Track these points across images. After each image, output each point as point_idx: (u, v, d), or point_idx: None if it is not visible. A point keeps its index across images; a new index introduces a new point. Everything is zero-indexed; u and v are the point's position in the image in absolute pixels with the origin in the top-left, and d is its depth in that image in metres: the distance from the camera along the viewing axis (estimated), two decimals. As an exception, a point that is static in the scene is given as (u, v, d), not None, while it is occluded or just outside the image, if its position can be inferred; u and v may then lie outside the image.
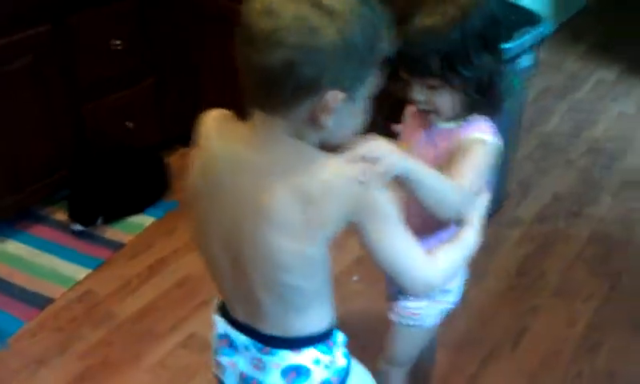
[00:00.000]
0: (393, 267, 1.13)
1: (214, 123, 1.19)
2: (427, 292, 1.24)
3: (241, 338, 1.24)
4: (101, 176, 2.82)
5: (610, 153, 3.46)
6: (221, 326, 1.27)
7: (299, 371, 1.21)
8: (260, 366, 1.23)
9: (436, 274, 1.18)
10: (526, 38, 2.50)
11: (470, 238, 1.28)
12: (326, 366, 1.22)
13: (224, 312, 1.27)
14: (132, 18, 2.91)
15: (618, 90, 4.18)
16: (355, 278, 2.53)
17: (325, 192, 1.04)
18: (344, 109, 1.06)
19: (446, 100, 1.33)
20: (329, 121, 1.05)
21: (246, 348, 1.24)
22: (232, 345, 1.26)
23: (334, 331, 1.25)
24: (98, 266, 2.59)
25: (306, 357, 1.20)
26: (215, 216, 1.15)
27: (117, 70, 2.92)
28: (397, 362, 1.69)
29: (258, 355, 1.22)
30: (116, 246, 2.70)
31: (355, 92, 1.06)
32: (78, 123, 2.84)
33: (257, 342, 1.21)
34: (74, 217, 2.71)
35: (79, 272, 2.55)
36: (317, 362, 1.21)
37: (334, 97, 1.03)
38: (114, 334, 2.32)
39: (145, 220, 2.85)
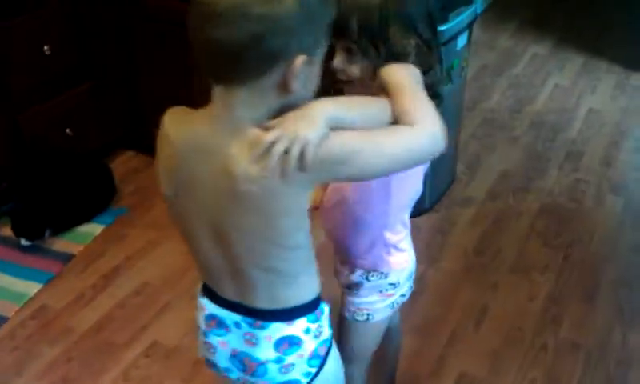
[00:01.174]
0: (402, 162, 1.12)
1: (169, 120, 1.18)
2: (439, 142, 1.11)
3: (231, 317, 1.25)
4: (44, 187, 2.72)
5: (551, 125, 3.54)
6: (208, 307, 1.27)
7: (291, 341, 1.24)
8: (252, 341, 1.24)
9: (425, 126, 1.11)
10: (462, 17, 2.54)
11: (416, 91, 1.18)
12: (315, 336, 1.26)
13: (210, 294, 1.27)
14: (65, 22, 2.82)
15: (552, 64, 4.27)
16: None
17: (266, 190, 1.06)
18: (305, 72, 1.06)
19: (358, 69, 1.30)
20: (296, 85, 1.05)
21: (237, 325, 1.25)
22: (221, 324, 1.27)
23: (320, 301, 1.28)
24: (49, 280, 2.50)
25: (297, 327, 1.23)
26: (195, 206, 1.15)
27: (52, 76, 2.82)
28: (355, 359, 1.66)
29: (250, 330, 1.24)
30: (67, 258, 2.61)
31: (314, 55, 1.07)
32: (15, 133, 2.74)
33: (248, 318, 1.23)
34: (20, 231, 2.61)
35: (31, 287, 2.46)
36: (307, 330, 1.24)
37: (301, 61, 1.03)
38: (73, 349, 2.25)
39: (94, 228, 2.76)
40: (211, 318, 1.28)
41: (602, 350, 2.21)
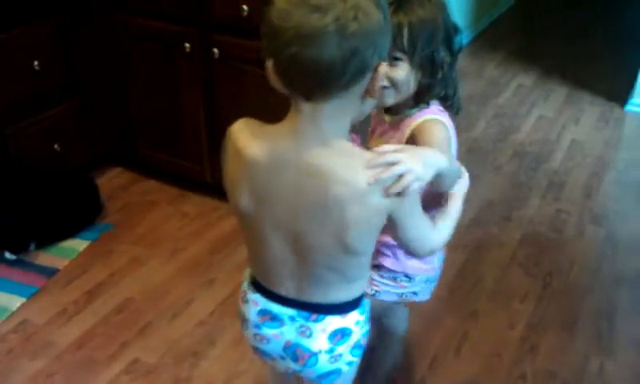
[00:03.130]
0: (410, 240, 1.29)
1: (245, 135, 1.23)
2: (430, 255, 1.46)
3: (286, 311, 1.35)
4: (30, 200, 2.73)
5: (535, 155, 3.59)
6: (261, 302, 1.37)
7: (344, 333, 1.35)
8: (306, 333, 1.35)
9: (438, 241, 1.36)
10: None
11: (459, 208, 1.44)
12: (362, 327, 1.38)
13: (263, 291, 1.37)
14: (54, 37, 2.84)
15: (536, 95, 4.34)
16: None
17: (356, 197, 1.15)
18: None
19: (404, 75, 1.46)
20: (377, 88, 1.16)
21: (292, 319, 1.35)
22: (275, 318, 1.37)
23: (363, 297, 1.40)
24: (32, 295, 2.50)
25: (350, 319, 1.35)
26: (274, 214, 1.22)
27: (40, 91, 2.84)
28: None
29: (306, 323, 1.34)
30: (50, 272, 2.61)
31: (385, 61, 1.16)
32: (2, 147, 2.74)
33: (303, 312, 1.34)
34: (4, 245, 2.61)
35: (13, 301, 2.46)
36: (357, 323, 1.37)
37: (383, 67, 1.14)
38: (54, 364, 2.24)
39: (79, 244, 2.77)
40: (265, 312, 1.37)
41: (578, 379, 2.23)
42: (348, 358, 1.39)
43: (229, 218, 2.97)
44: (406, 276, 1.72)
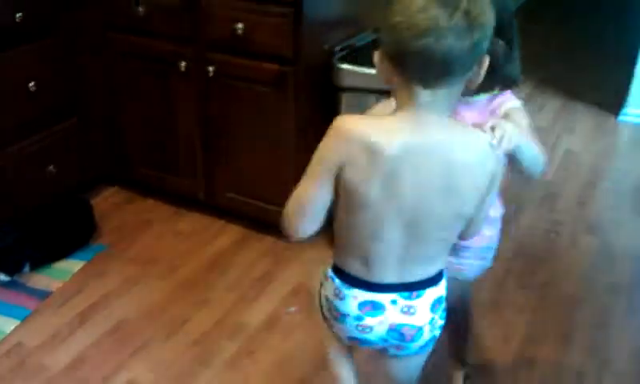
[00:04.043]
0: (481, 221, 1.43)
1: (370, 127, 1.30)
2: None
3: (386, 297, 1.42)
4: (24, 222, 2.73)
5: (528, 167, 3.58)
6: (361, 295, 1.43)
7: (440, 301, 1.47)
8: (410, 312, 1.43)
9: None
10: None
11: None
12: (446, 289, 1.48)
13: (359, 284, 1.43)
14: (49, 58, 2.83)
15: (531, 106, 4.33)
16: (292, 309, 2.52)
17: (481, 160, 1.30)
18: None
19: None
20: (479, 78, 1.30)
21: (394, 302, 1.42)
22: (377, 306, 1.43)
23: None
24: (26, 317, 2.49)
25: (442, 286, 1.47)
26: (396, 202, 1.30)
27: (36, 112, 2.83)
28: None
29: (408, 302, 1.42)
30: (44, 294, 2.60)
31: None
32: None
33: (404, 293, 1.42)
34: (-2, 266, 2.61)
35: (7, 324, 2.44)
36: (446, 288, 1.48)
37: (487, 57, 1.27)
38: (48, 387, 2.24)
39: (73, 265, 2.76)
40: (365, 304, 1.43)
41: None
42: (440, 323, 1.50)
43: (223, 235, 2.97)
44: (488, 248, 1.85)
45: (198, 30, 2.69)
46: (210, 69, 2.71)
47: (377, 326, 1.45)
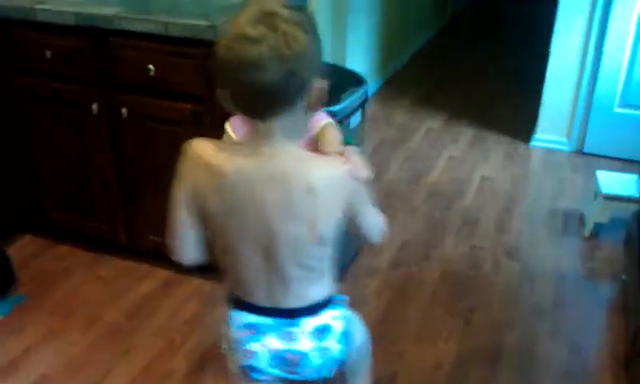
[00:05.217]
0: (369, 228, 1.48)
1: (209, 152, 1.36)
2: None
3: (265, 321, 1.46)
4: None
5: (447, 195, 3.67)
6: (242, 317, 1.48)
7: (324, 330, 1.49)
8: (291, 338, 1.48)
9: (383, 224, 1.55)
10: (353, 98, 2.67)
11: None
12: (342, 319, 1.53)
13: (241, 306, 1.48)
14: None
15: (445, 137, 4.47)
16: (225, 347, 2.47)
17: (330, 185, 1.34)
18: None
19: None
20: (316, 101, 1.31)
21: (272, 328, 1.47)
22: (258, 330, 1.47)
23: (335, 295, 1.54)
24: (-61, 378, 2.36)
25: (325, 317, 1.49)
26: (244, 224, 1.35)
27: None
28: None
29: (286, 329, 1.47)
30: (-42, 353, 2.47)
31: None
32: None
33: (282, 319, 1.46)
34: None
35: None
36: (334, 317, 1.51)
37: (320, 83, 1.29)
38: None
39: (-11, 320, 2.64)
40: (247, 326, 1.48)
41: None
42: (337, 347, 1.54)
43: (148, 279, 2.90)
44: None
45: (108, 71, 2.64)
46: (124, 110, 2.66)
47: (260, 352, 1.49)
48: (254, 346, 1.49)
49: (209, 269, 1.87)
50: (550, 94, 4.23)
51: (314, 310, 1.47)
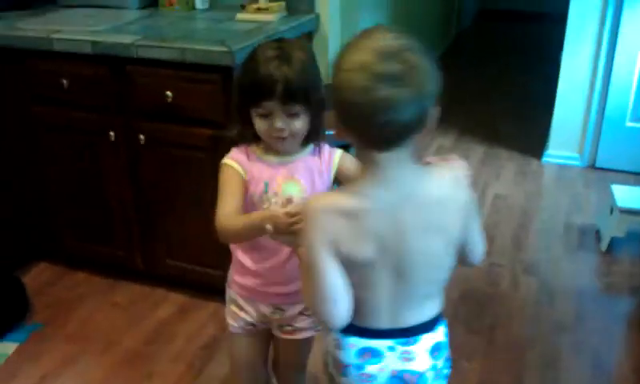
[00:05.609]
0: (475, 243, 1.45)
1: (338, 199, 1.33)
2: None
3: (384, 343, 1.42)
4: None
5: (462, 214, 3.64)
6: (359, 343, 1.42)
7: (439, 347, 1.46)
8: (409, 358, 1.42)
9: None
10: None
11: None
12: (447, 338, 1.49)
13: (358, 332, 1.42)
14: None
15: (455, 154, 4.43)
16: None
17: (455, 189, 1.36)
18: None
19: (302, 123, 1.61)
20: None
21: (391, 349, 1.42)
22: (376, 353, 1.42)
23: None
24: (-42, 408, 2.34)
25: (440, 333, 1.46)
26: (383, 254, 1.32)
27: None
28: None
29: (405, 348, 1.42)
30: (-24, 382, 2.45)
31: None
32: None
33: (400, 339, 1.41)
34: None
35: (-63, 419, 2.28)
36: (445, 334, 1.48)
37: (435, 110, 1.28)
38: None
39: (6, 348, 2.61)
40: (364, 351, 1.42)
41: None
42: (445, 372, 1.50)
43: (165, 304, 2.88)
44: None
45: (126, 99, 2.64)
46: (142, 137, 2.65)
47: (379, 375, 1.44)
48: (372, 369, 1.44)
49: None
50: (561, 110, 4.22)
51: (431, 325, 1.44)
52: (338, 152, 1.73)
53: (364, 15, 4.16)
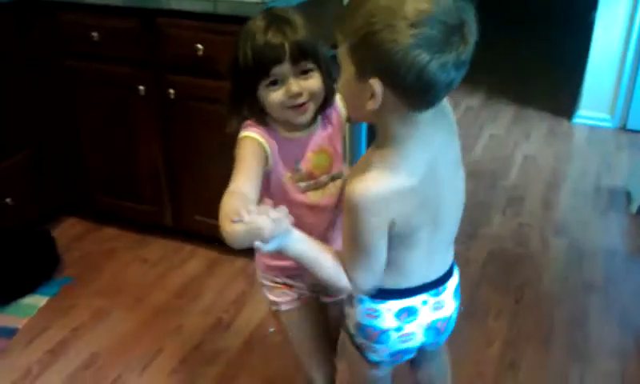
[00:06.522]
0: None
1: (387, 182, 1.24)
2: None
3: (417, 299, 1.41)
4: (-16, 259, 2.61)
5: (491, 173, 3.62)
6: (394, 305, 1.41)
7: (457, 287, 1.51)
8: (440, 306, 1.45)
9: None
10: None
11: None
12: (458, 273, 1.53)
13: (390, 295, 1.40)
14: (5, 87, 2.75)
15: (484, 115, 4.41)
16: (272, 330, 2.47)
17: (453, 122, 1.36)
18: None
19: (318, 82, 1.46)
20: None
21: (424, 303, 1.42)
22: (411, 311, 1.42)
23: None
24: (-7, 357, 2.38)
25: (456, 274, 1.50)
26: (426, 211, 1.29)
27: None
28: None
29: (436, 299, 1.44)
30: (10, 332, 2.49)
31: None
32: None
33: (431, 290, 1.42)
34: (-42, 307, 2.49)
35: (-27, 367, 2.33)
36: (458, 273, 1.52)
37: None
38: (22, 429, 2.13)
39: (38, 300, 2.65)
40: (401, 312, 1.42)
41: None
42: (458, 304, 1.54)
43: (193, 260, 2.91)
44: None
45: (156, 52, 2.63)
46: (171, 91, 2.65)
47: (416, 330, 1.45)
48: (410, 328, 1.44)
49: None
50: (593, 71, 4.15)
51: (452, 269, 1.47)
52: (339, 103, 1.58)
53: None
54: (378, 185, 1.23)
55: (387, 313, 1.42)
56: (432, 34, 1.08)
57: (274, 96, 1.44)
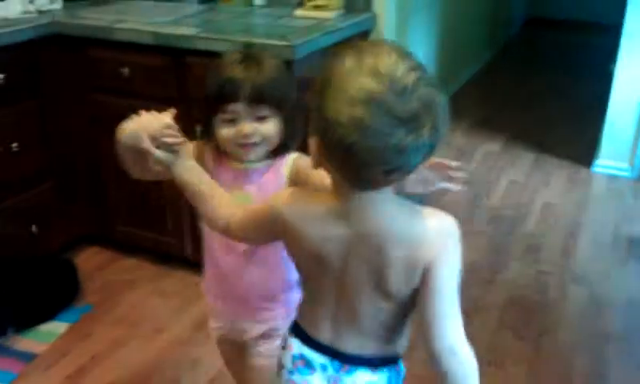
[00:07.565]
0: (435, 326, 1.22)
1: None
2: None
3: (318, 358, 1.31)
4: (7, 284, 2.63)
5: (509, 220, 3.63)
6: (296, 347, 1.34)
7: None
8: None
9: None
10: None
11: None
12: None
13: (301, 335, 1.34)
14: (32, 119, 2.81)
15: (504, 160, 4.42)
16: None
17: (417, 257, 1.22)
18: None
19: (273, 128, 1.48)
20: None
21: (323, 368, 1.31)
22: (309, 365, 1.32)
23: (400, 360, 1.34)
24: (11, 381, 2.39)
25: (382, 378, 1.29)
26: (330, 266, 1.22)
27: (18, 172, 2.78)
28: None
29: (336, 374, 1.30)
30: (29, 357, 2.50)
31: None
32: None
33: (336, 361, 1.29)
34: (-20, 331, 2.51)
35: (-7, 390, 2.35)
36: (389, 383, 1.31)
37: None
38: None
39: (58, 327, 2.67)
40: (299, 357, 1.33)
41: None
42: None
43: (211, 293, 2.91)
44: None
45: (183, 89, 2.68)
46: (198, 128, 2.68)
47: None
48: (299, 380, 1.33)
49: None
50: (612, 121, 4.16)
51: (372, 363, 1.29)
52: (292, 155, 1.56)
53: (415, 17, 4.17)
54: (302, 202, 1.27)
55: (288, 349, 1.36)
56: (365, 117, 1.02)
57: (226, 132, 1.49)
